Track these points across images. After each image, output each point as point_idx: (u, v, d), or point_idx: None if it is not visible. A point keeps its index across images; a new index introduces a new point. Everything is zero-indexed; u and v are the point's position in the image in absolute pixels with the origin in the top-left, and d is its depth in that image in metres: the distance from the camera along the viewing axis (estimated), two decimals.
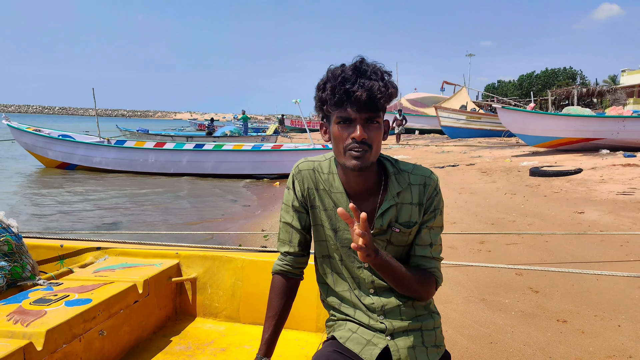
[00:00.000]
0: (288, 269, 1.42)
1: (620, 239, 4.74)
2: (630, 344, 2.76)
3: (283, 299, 1.41)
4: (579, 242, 4.75)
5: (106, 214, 7.59)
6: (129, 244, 2.67)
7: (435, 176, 1.33)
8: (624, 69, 43.18)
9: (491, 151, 15.43)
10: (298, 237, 1.40)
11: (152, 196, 9.38)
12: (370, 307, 1.31)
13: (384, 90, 1.17)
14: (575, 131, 12.37)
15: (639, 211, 5.91)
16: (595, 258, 4.26)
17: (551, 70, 54.53)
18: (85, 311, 1.76)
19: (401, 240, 1.31)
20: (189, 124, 54.43)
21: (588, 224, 5.42)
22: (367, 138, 1.19)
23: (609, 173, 8.82)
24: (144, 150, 12.69)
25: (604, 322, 3.05)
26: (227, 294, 2.39)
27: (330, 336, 1.37)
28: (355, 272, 1.33)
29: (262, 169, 12.39)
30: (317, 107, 1.28)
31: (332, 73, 1.22)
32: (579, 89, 31.52)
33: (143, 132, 24.27)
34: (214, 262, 2.41)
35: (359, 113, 1.18)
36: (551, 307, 3.29)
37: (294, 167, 1.40)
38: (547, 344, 2.78)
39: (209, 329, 2.31)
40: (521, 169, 10.37)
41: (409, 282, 1.25)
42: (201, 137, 21.60)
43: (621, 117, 12.22)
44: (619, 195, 6.94)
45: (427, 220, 1.31)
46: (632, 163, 9.80)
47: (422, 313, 1.32)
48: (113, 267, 2.32)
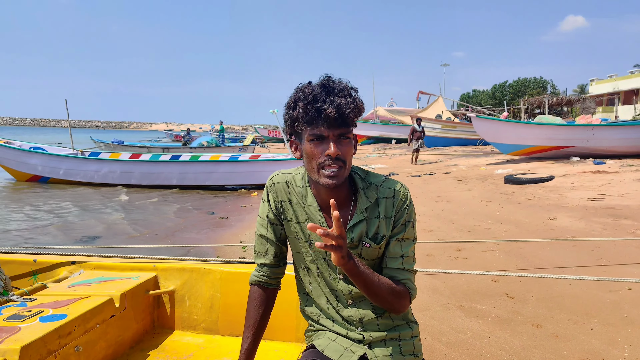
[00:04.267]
0: (265, 279, 1.44)
1: (591, 245, 4.88)
2: (602, 346, 2.83)
3: (261, 309, 1.42)
4: (552, 248, 4.86)
5: (80, 227, 7.42)
6: (104, 258, 2.62)
7: (405, 189, 1.35)
8: (592, 79, 44.67)
9: (467, 159, 15.69)
10: (273, 249, 1.42)
11: (126, 209, 9.22)
12: (348, 319, 1.33)
13: (353, 106, 1.20)
14: (547, 139, 12.72)
15: (608, 217, 6.10)
16: (568, 263, 4.37)
17: (523, 80, 55.93)
18: (61, 327, 1.73)
19: (372, 254, 1.32)
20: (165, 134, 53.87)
21: (560, 230, 5.56)
22: (341, 154, 1.22)
23: (580, 180, 9.08)
24: (119, 162, 12.49)
25: (577, 326, 3.12)
26: (205, 306, 2.37)
27: (310, 345, 1.38)
28: (332, 284, 1.35)
29: (239, 180, 12.32)
30: (287, 124, 1.29)
31: (301, 92, 1.23)
32: (550, 98, 32.38)
33: (118, 144, 23.90)
34: (192, 274, 2.39)
35: (331, 130, 1.21)
36: (526, 312, 3.36)
37: (268, 179, 1.41)
38: (523, 349, 2.83)
39: (187, 342, 2.29)
40: (496, 177, 10.58)
41: (381, 292, 1.25)
42: (177, 148, 21.36)
43: (590, 126, 12.62)
44: (590, 201, 7.15)
45: (397, 232, 1.32)
46: (602, 170, 10.11)
47: (399, 323, 1.34)
48: (89, 282, 2.28)
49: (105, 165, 12.48)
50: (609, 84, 41.10)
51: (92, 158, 12.78)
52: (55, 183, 12.63)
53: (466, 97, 64.54)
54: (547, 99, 31.44)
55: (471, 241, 5.12)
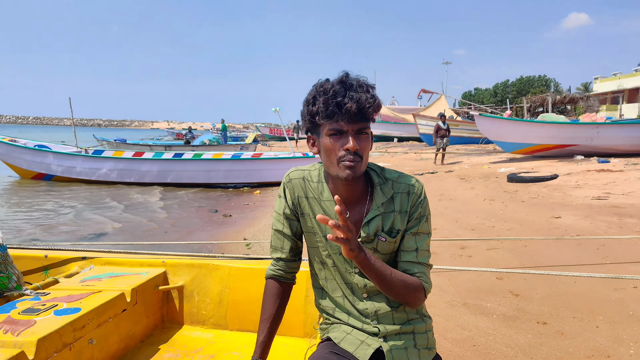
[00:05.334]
0: (281, 273, 1.47)
1: (597, 243, 4.88)
2: (608, 344, 2.84)
3: (276, 303, 1.45)
4: (557, 246, 4.87)
5: (87, 225, 7.47)
6: (114, 254, 2.66)
7: (420, 184, 1.37)
8: (596, 77, 44.48)
9: (469, 158, 15.69)
10: (289, 244, 1.45)
11: (131, 207, 9.26)
12: (363, 312, 1.35)
13: (372, 101, 1.23)
14: (551, 137, 12.70)
15: (613, 215, 6.10)
16: (573, 261, 4.38)
17: (526, 78, 55.80)
18: (75, 320, 1.76)
19: (387, 249, 1.34)
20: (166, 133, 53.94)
21: (565, 229, 5.57)
22: (359, 149, 1.24)
23: (584, 178, 9.07)
24: (123, 160, 12.55)
25: (582, 323, 3.14)
26: (214, 301, 2.39)
27: (326, 337, 1.40)
28: (348, 278, 1.37)
29: (242, 178, 12.35)
30: (305, 120, 1.32)
31: (321, 87, 1.26)
32: (553, 97, 32.28)
33: (120, 142, 23.92)
34: (201, 270, 2.42)
35: (351, 124, 1.23)
36: (531, 309, 3.37)
37: (285, 175, 1.44)
38: (529, 346, 2.85)
39: (196, 337, 2.31)
40: (499, 175, 10.58)
41: (394, 285, 1.27)
42: (180, 146, 21.38)
43: (595, 124, 12.59)
44: (594, 200, 7.15)
45: (412, 226, 1.34)
46: (606, 169, 10.10)
47: (414, 317, 1.36)
48: (99, 277, 2.31)
49: (110, 163, 12.53)
50: (613, 82, 40.94)
51: (97, 156, 12.84)
52: (59, 181, 12.69)
53: (468, 95, 64.43)
54: (550, 97, 31.33)
55: (475, 239, 5.14)
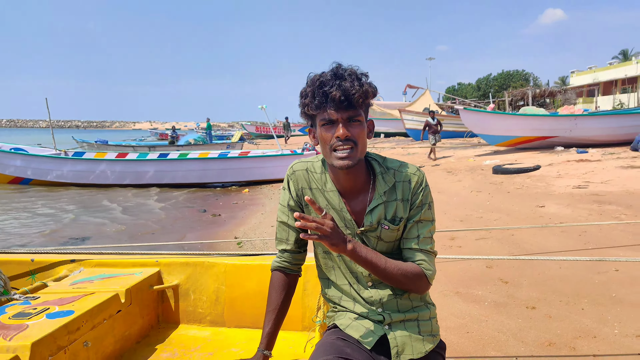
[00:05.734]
0: (286, 265, 1.48)
1: (579, 230, 5.00)
2: (593, 325, 2.93)
3: (282, 294, 1.47)
4: (542, 234, 4.97)
5: (72, 228, 7.36)
6: (105, 255, 2.63)
7: (421, 172, 1.39)
8: (573, 70, 45.31)
9: (455, 151, 15.85)
10: (294, 235, 1.46)
11: (116, 209, 9.16)
12: (368, 300, 1.37)
13: (358, 88, 1.23)
14: (533, 130, 12.91)
15: (593, 203, 6.25)
16: (558, 248, 4.48)
17: (506, 73, 56.53)
18: (69, 322, 1.74)
19: (391, 236, 1.36)
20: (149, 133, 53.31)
21: (549, 217, 5.68)
22: (351, 135, 1.25)
23: (565, 168, 9.25)
24: (105, 162, 12.34)
25: (568, 306, 3.22)
26: (210, 299, 2.39)
27: (332, 324, 1.42)
28: (353, 267, 1.39)
29: (230, 177, 12.28)
30: (302, 113, 1.34)
31: (311, 80, 1.28)
32: (533, 90, 32.77)
33: (102, 143, 23.59)
34: (196, 269, 2.41)
35: (339, 112, 1.25)
36: (520, 295, 3.45)
37: (288, 168, 1.45)
38: (519, 330, 2.92)
39: (193, 335, 2.31)
40: (484, 168, 10.72)
41: (391, 273, 1.29)
42: (164, 147, 21.17)
43: (573, 116, 12.87)
44: (575, 189, 7.31)
45: (414, 214, 1.36)
46: (585, 159, 10.31)
47: (418, 304, 1.38)
48: (91, 279, 2.29)
49: (91, 165, 12.32)
50: (588, 75, 41.73)
51: (78, 158, 12.59)
52: (38, 185, 12.37)
53: (452, 90, 65.02)
54: (530, 90, 31.83)
55: (464, 229, 5.21)
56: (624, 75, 36.45)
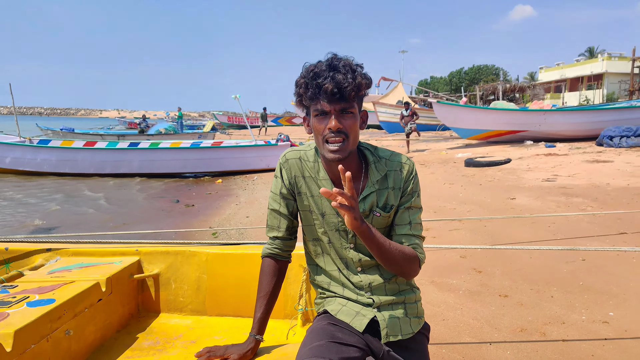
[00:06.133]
0: (277, 252, 1.51)
1: (548, 221, 5.17)
2: (562, 311, 3.05)
3: (273, 280, 1.50)
4: (514, 225, 5.13)
5: (42, 218, 7.16)
6: (82, 244, 2.58)
7: (411, 162, 1.43)
8: (541, 67, 46.48)
9: (428, 144, 16.09)
10: (286, 223, 1.48)
11: (87, 199, 8.94)
12: (358, 284, 1.40)
13: (351, 81, 1.25)
14: (503, 124, 13.23)
15: (561, 195, 6.47)
16: (528, 238, 4.63)
17: (477, 67, 57.56)
18: (51, 311, 1.71)
19: (382, 223, 1.40)
20: (117, 122, 51.94)
21: (520, 209, 5.86)
22: (343, 127, 1.27)
23: (534, 162, 9.53)
24: (74, 150, 12.01)
25: (539, 294, 3.34)
26: (191, 288, 2.38)
27: (322, 310, 1.45)
28: (343, 253, 1.42)
29: (203, 167, 12.13)
30: (297, 102, 1.36)
31: (306, 70, 1.30)
32: (503, 85, 33.53)
33: (68, 131, 22.90)
34: (177, 257, 2.39)
35: (332, 104, 1.26)
36: (493, 284, 3.55)
37: (281, 156, 1.46)
38: (492, 317, 3.02)
39: (175, 324, 2.30)
40: (457, 161, 10.93)
41: (393, 255, 1.32)
42: (134, 136, 20.69)
43: (542, 111, 13.24)
44: (544, 182, 7.54)
45: (405, 202, 1.39)
46: (553, 153, 10.64)
47: (405, 288, 1.43)
48: (69, 268, 2.25)
49: (58, 153, 11.96)
50: (556, 71, 42.92)
51: (44, 146, 12.21)
52: (1, 173, 11.97)
53: (424, 83, 65.78)
54: (500, 85, 32.56)
55: (438, 220, 5.32)
56: (590, 72, 37.66)
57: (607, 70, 36.11)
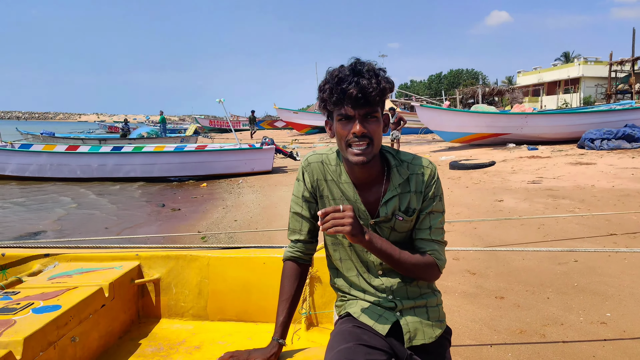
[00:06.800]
0: (299, 255, 1.51)
1: (537, 222, 5.25)
2: (559, 312, 3.09)
3: (295, 283, 1.50)
4: (504, 227, 5.19)
5: (21, 224, 6.97)
6: (81, 249, 2.52)
7: (434, 165, 1.44)
8: (519, 71, 47.33)
9: (411, 147, 16.21)
10: (308, 226, 1.49)
11: (70, 204, 8.75)
12: (379, 288, 1.40)
13: (376, 86, 1.25)
14: (486, 127, 13.42)
15: (548, 197, 6.58)
16: (519, 240, 4.69)
17: (456, 71, 58.38)
18: (58, 317, 1.67)
19: (404, 227, 1.40)
20: (97, 126, 51.16)
21: (508, 211, 5.93)
22: (367, 132, 1.28)
23: (518, 164, 9.67)
24: (56, 155, 11.77)
25: (534, 295, 3.38)
26: (193, 292, 2.35)
27: (345, 313, 1.44)
28: (364, 256, 1.42)
29: (187, 171, 12.01)
30: (320, 106, 1.36)
31: (330, 75, 1.30)
32: (483, 89, 34.04)
33: (48, 135, 22.52)
34: (178, 262, 2.36)
35: (356, 109, 1.27)
36: (488, 286, 3.58)
37: (303, 160, 1.47)
38: (491, 319, 3.03)
39: (177, 329, 2.26)
40: (441, 163, 11.03)
41: (405, 263, 1.33)
42: (116, 140, 20.40)
43: (524, 114, 13.47)
44: (530, 184, 7.66)
45: (427, 206, 1.40)
46: (536, 155, 10.82)
47: (426, 291, 1.43)
48: (69, 273, 2.19)
49: (40, 157, 11.70)
50: (534, 75, 43.75)
51: (25, 150, 11.94)
52: None
53: (404, 87, 66.36)
54: (480, 89, 33.05)
55: None
56: (567, 76, 38.51)
57: (583, 74, 36.96)
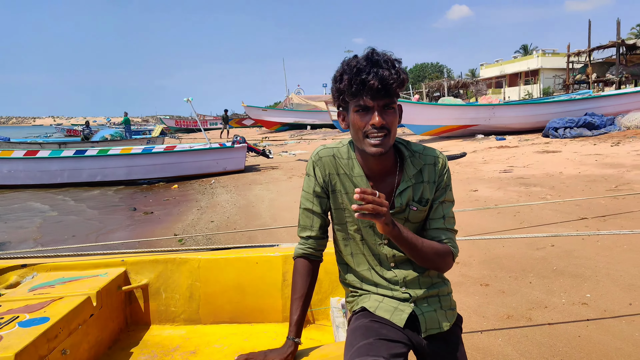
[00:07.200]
0: (310, 251, 1.48)
1: (513, 210, 5.37)
2: (543, 296, 3.17)
3: (307, 280, 1.46)
4: (481, 216, 5.28)
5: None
6: (61, 258, 2.41)
7: (444, 156, 1.44)
8: (482, 63, 48.40)
9: None
10: (319, 222, 1.46)
11: (36, 211, 8.41)
12: (392, 280, 1.40)
13: (396, 77, 1.24)
14: (455, 119, 13.68)
15: (520, 185, 6.74)
16: (497, 228, 4.78)
17: (422, 65, 59.22)
18: (47, 330, 1.59)
19: (418, 217, 1.40)
20: (54, 129, 49.18)
21: (484, 200, 6.05)
22: (386, 123, 1.27)
23: (489, 155, 9.88)
24: (15, 161, 11.28)
25: (517, 281, 3.45)
26: (184, 296, 2.28)
27: (360, 308, 1.42)
28: (376, 249, 1.41)
29: (157, 173, 11.72)
30: (334, 97, 1.34)
31: (347, 65, 1.28)
32: (448, 82, 34.67)
33: (3, 141, 21.55)
34: (167, 266, 2.29)
35: (375, 100, 1.25)
36: (473, 274, 3.64)
37: (313, 154, 1.44)
38: (478, 306, 3.08)
39: (168, 335, 2.19)
40: None
41: (426, 253, 1.33)
42: (77, 143, 19.69)
43: (491, 105, 13.79)
44: (502, 173, 7.84)
45: (439, 196, 1.40)
46: (504, 145, 11.10)
47: (437, 281, 1.43)
48: (51, 284, 2.09)
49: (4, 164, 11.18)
50: (496, 67, 44.84)
51: None
52: None
53: None
54: (445, 82, 33.67)
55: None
56: (526, 68, 39.64)
57: (542, 66, 38.13)
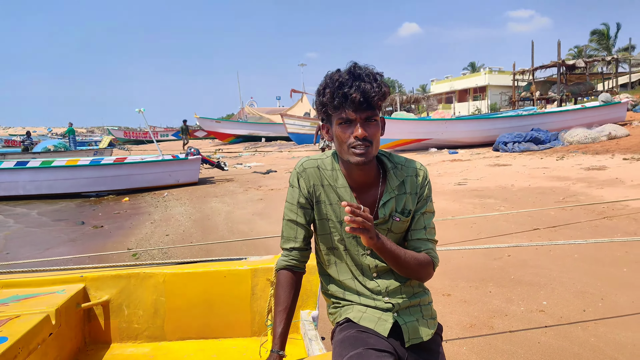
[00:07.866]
0: (294, 263, 1.47)
1: (469, 222, 5.54)
2: (502, 304, 3.26)
3: (291, 293, 1.45)
4: (439, 227, 5.29)
5: None
6: (13, 274, 2.26)
7: (425, 168, 1.48)
8: (432, 79, 50.06)
9: None
10: (303, 233, 1.46)
11: None
12: (374, 290, 1.40)
13: (378, 90, 1.28)
14: (409, 133, 14.05)
15: (475, 197, 6.97)
16: (455, 239, 4.90)
17: None
18: (6, 350, 1.47)
19: (400, 228, 1.42)
20: None
21: (441, 211, 6.18)
22: (368, 135, 1.29)
23: (443, 168, 10.18)
24: None
25: (478, 290, 3.54)
26: (148, 312, 2.19)
27: (344, 319, 1.41)
28: (359, 260, 1.41)
29: (106, 185, 11.25)
30: (318, 110, 1.37)
31: (329, 79, 1.31)
32: (400, 97, 35.57)
33: None
34: (130, 281, 2.19)
35: (357, 113, 1.29)
36: (435, 284, 3.69)
37: (297, 165, 1.45)
38: (442, 315, 3.10)
39: (130, 354, 2.09)
40: None
41: (409, 264, 1.35)
42: (17, 154, 18.60)
43: (444, 120, 14.27)
44: (457, 185, 8.08)
45: (421, 207, 1.44)
46: (457, 159, 11.47)
47: (418, 290, 1.45)
48: (5, 301, 1.95)
49: None
50: (446, 83, 46.51)
51: None
52: None
53: None
54: (398, 97, 34.51)
55: None
56: (475, 84, 41.35)
57: (489, 83, 39.91)
